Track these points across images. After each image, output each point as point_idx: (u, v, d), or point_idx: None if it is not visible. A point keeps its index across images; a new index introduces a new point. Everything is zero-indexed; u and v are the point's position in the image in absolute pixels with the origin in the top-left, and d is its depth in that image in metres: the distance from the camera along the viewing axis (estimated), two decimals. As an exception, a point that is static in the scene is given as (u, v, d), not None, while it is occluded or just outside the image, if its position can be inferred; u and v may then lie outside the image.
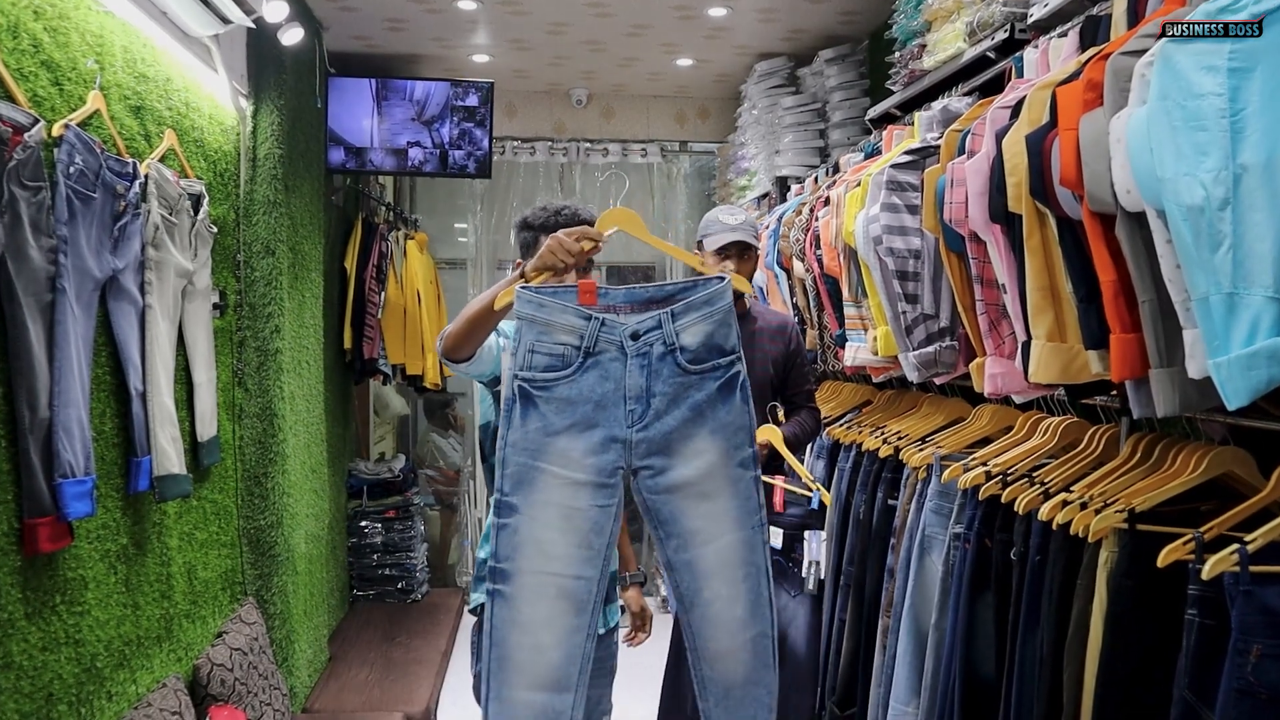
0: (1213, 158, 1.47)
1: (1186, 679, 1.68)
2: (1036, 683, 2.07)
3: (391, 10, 4.13)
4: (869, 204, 2.64)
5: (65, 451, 2.20)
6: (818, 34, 4.38)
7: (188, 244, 2.92)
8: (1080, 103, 1.68)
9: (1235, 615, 1.57)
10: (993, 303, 2.10)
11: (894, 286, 2.58)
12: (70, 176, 2.26)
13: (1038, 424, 2.45)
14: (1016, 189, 1.84)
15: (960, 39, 2.54)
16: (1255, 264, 1.46)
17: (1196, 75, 1.48)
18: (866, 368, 3.01)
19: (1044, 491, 2.11)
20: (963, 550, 2.43)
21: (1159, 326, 1.62)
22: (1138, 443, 2.07)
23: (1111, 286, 1.67)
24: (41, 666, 2.21)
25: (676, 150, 5.99)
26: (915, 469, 2.77)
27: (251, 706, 3.17)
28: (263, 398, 3.60)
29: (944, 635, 2.48)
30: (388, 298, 5.09)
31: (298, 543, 3.84)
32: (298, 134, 3.88)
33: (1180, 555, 1.70)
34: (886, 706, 2.76)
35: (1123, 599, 1.85)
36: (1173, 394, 1.62)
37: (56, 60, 2.31)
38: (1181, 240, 1.49)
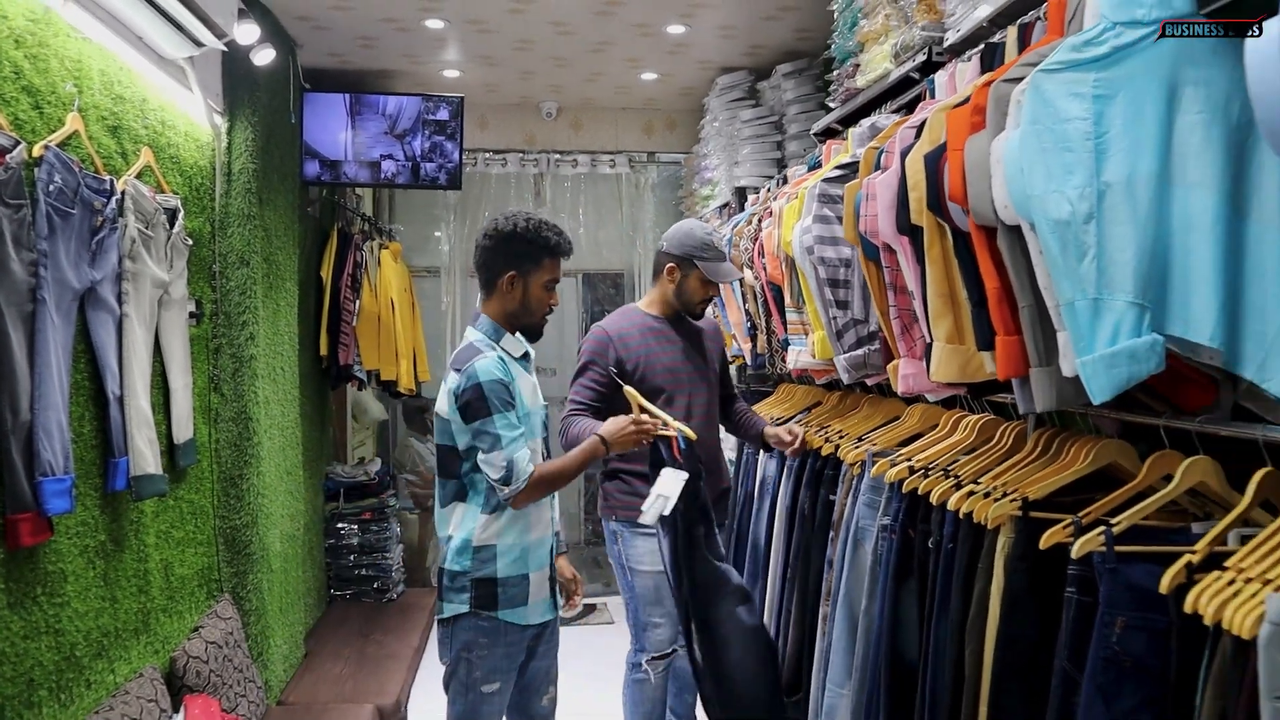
0: (1078, 176, 1.65)
1: (1066, 651, 1.85)
2: (947, 661, 2.24)
3: (363, 29, 4.29)
4: (804, 215, 2.81)
5: (45, 451, 2.35)
6: (776, 49, 4.55)
7: (164, 256, 3.07)
8: (967, 125, 1.85)
9: (1102, 591, 1.74)
10: (905, 308, 2.27)
11: (826, 293, 2.75)
12: (50, 194, 2.41)
13: (959, 422, 2.63)
14: (918, 204, 2.01)
15: (887, 60, 2.71)
16: (1118, 272, 1.64)
17: (1064, 102, 1.66)
18: (808, 370, 3.18)
19: (956, 484, 2.28)
20: (889, 540, 2.60)
21: (1037, 329, 1.79)
22: (1039, 438, 2.25)
23: (995, 293, 1.84)
24: (23, 654, 2.36)
25: (645, 161, 6.17)
26: (851, 465, 2.94)
27: (226, 698, 3.32)
28: (238, 402, 3.75)
29: (873, 621, 2.65)
30: (362, 306, 5.24)
31: (273, 542, 3.99)
32: (272, 149, 4.04)
33: (1060, 538, 1.88)
34: (825, 689, 2.93)
35: (1018, 580, 2.01)
36: (1050, 390, 1.79)
37: (37, 85, 2.46)
38: (1049, 251, 1.67)
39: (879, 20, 2.72)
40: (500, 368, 2.44)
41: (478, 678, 2.52)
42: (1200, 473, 1.78)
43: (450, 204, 6.30)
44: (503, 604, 2.49)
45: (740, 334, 4.04)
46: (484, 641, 2.51)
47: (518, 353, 2.56)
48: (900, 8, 2.59)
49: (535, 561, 2.54)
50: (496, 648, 2.52)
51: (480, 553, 2.48)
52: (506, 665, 2.54)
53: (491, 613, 2.49)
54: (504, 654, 2.53)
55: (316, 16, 4.10)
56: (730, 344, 4.37)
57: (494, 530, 2.48)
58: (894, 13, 2.64)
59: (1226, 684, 1.42)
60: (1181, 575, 1.56)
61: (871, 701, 2.62)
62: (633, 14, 4.09)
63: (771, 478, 3.82)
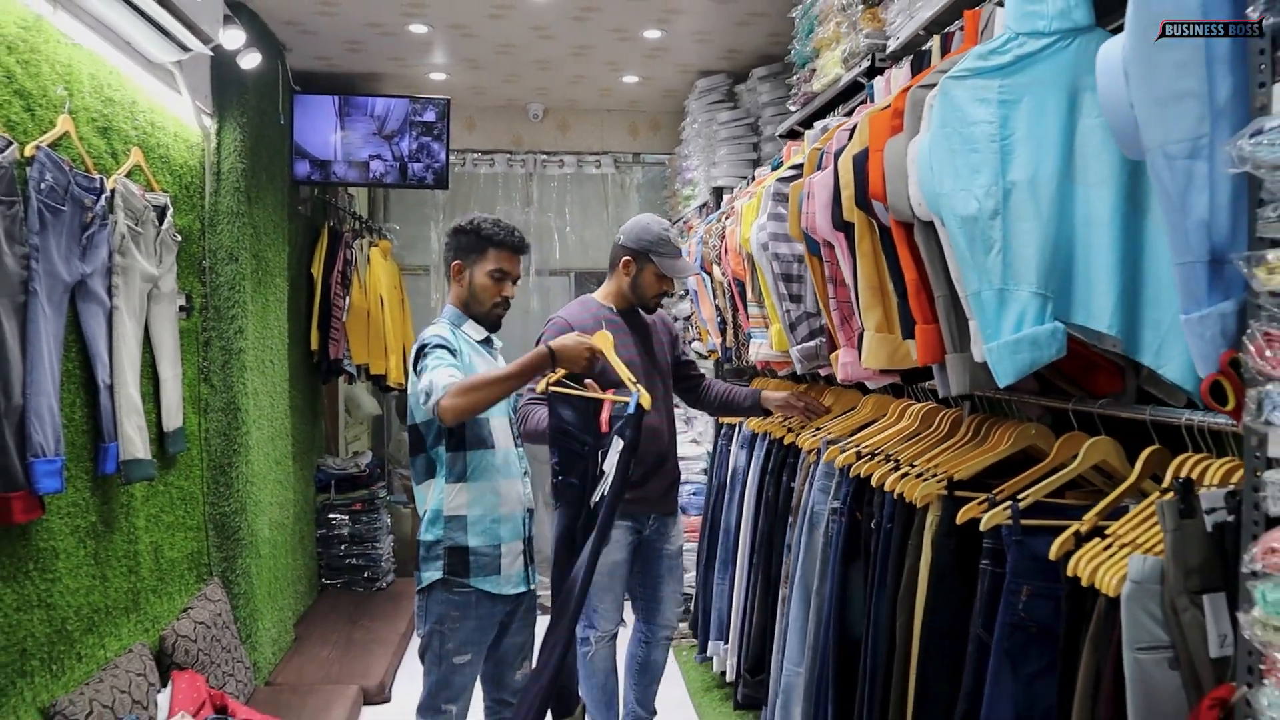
0: (984, 175, 1.78)
1: (981, 619, 1.98)
2: (883, 634, 2.37)
3: (349, 33, 4.43)
4: (760, 213, 2.95)
5: (37, 434, 2.50)
6: (752, 54, 4.68)
7: (153, 251, 3.21)
8: (888, 128, 1.99)
9: (1009, 560, 1.87)
10: (844, 300, 2.41)
11: (781, 288, 2.89)
12: (41, 192, 2.56)
13: (905, 410, 2.76)
14: (849, 201, 2.14)
15: (838, 65, 2.85)
16: (1022, 265, 1.77)
17: (970, 106, 1.79)
18: (770, 363, 3.31)
19: (895, 467, 2.42)
20: (839, 523, 2.73)
21: (951, 318, 1.92)
22: (971, 423, 2.38)
23: (913, 284, 1.98)
24: (16, 625, 2.50)
25: (630, 161, 6.30)
26: (807, 453, 3.07)
27: (214, 675, 3.46)
28: (227, 393, 3.89)
29: (824, 600, 2.78)
30: (352, 302, 5.38)
31: (262, 529, 4.13)
32: (261, 149, 4.18)
33: (975, 513, 2.01)
34: (783, 669, 3.06)
35: (943, 555, 2.15)
36: (963, 375, 1.92)
37: (29, 89, 2.61)
38: (957, 245, 1.80)
39: (830, 27, 2.86)
40: (449, 334, 2.60)
41: (450, 649, 2.65)
42: (1102, 452, 1.91)
43: (440, 204, 6.45)
44: (474, 571, 2.61)
45: (713, 328, 4.17)
46: (455, 615, 2.64)
47: (478, 337, 2.71)
48: (849, 16, 2.73)
49: (507, 533, 2.66)
50: (468, 620, 2.65)
51: (451, 523, 2.61)
52: (478, 637, 2.67)
53: (464, 579, 2.60)
54: (475, 626, 2.65)
55: (303, 21, 4.24)
56: (705, 338, 4.51)
57: (463, 500, 2.60)
58: (844, 20, 2.77)
59: (1100, 641, 1.55)
60: (1070, 543, 1.69)
61: (821, 677, 2.75)
62: (609, 19, 4.22)
63: (741, 468, 3.96)
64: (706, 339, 4.43)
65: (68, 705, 2.63)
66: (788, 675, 3.00)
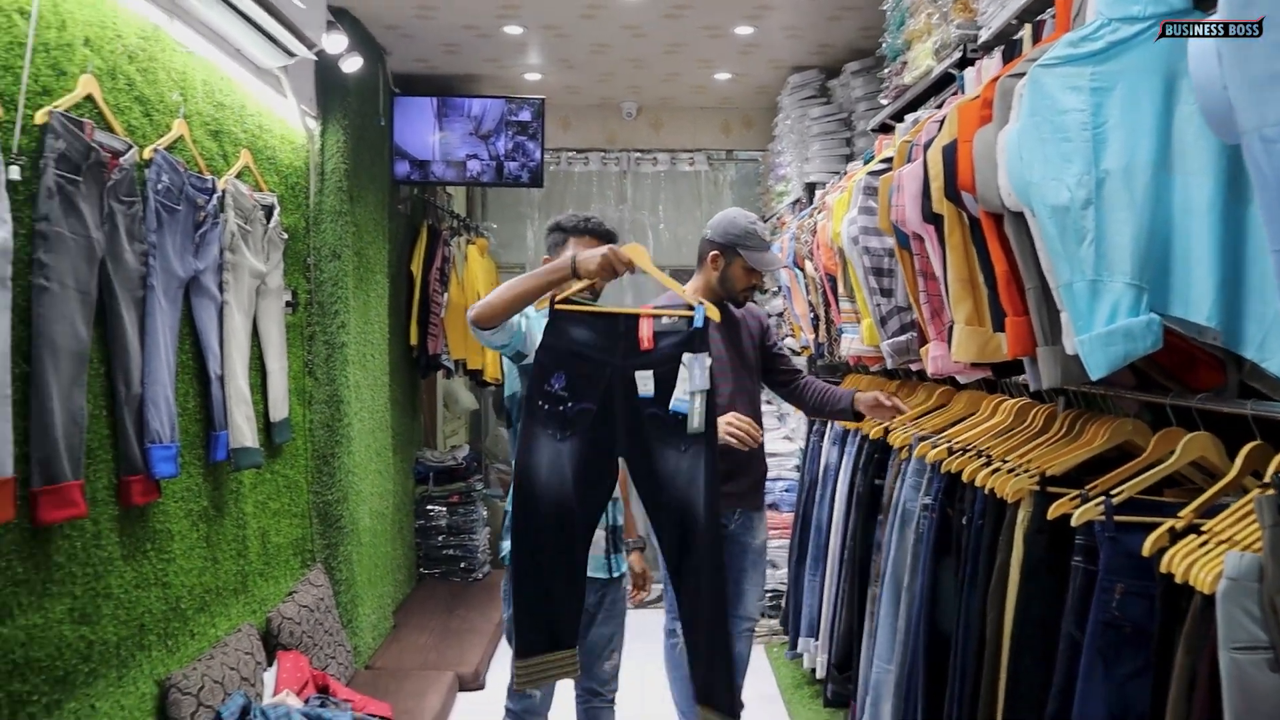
0: (1076, 164, 1.74)
1: (1072, 616, 1.94)
2: (974, 632, 2.34)
3: (447, 36, 4.55)
4: (851, 207, 2.93)
5: (154, 421, 2.64)
6: (845, 48, 4.65)
7: (261, 249, 3.35)
8: (977, 118, 1.96)
9: (1102, 557, 1.83)
10: (934, 293, 2.38)
11: (871, 282, 2.87)
12: (159, 192, 2.70)
13: (997, 405, 2.71)
14: (938, 193, 2.12)
15: (930, 57, 2.81)
16: (1116, 255, 1.73)
17: (1062, 95, 1.76)
18: (861, 358, 3.28)
19: (987, 462, 2.38)
20: (929, 519, 2.70)
21: (1042, 310, 1.89)
22: (1065, 419, 2.33)
23: (1004, 276, 1.95)
24: (135, 601, 2.65)
25: (723, 159, 6.31)
26: (899, 449, 3.04)
27: (317, 657, 3.59)
28: (330, 386, 4.04)
29: (914, 597, 2.75)
30: (450, 298, 5.52)
31: (362, 517, 4.27)
32: (362, 150, 4.33)
33: (1067, 509, 1.97)
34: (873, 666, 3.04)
35: (1035, 551, 2.11)
36: (1055, 368, 1.89)
37: (147, 95, 2.75)
38: (1048, 235, 1.77)
39: (922, 19, 2.83)
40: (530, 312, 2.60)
41: None
42: (1200, 447, 1.85)
43: (535, 202, 6.56)
44: None
45: (806, 324, 4.16)
46: None
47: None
48: (940, 7, 2.69)
49: None
50: None
51: None
52: None
53: None
54: None
55: (402, 25, 4.37)
56: (799, 335, 4.49)
57: None
58: (935, 11, 2.74)
59: (1194, 641, 1.51)
60: (1164, 539, 1.65)
61: (911, 674, 2.72)
62: (700, 16, 4.24)
63: (833, 464, 3.94)
64: (800, 335, 4.42)
65: (181, 679, 2.77)
66: (878, 673, 2.98)
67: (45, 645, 2.25)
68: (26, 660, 2.19)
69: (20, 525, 2.16)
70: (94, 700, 2.44)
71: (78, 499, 2.28)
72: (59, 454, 2.23)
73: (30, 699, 2.19)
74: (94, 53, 2.49)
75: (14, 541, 2.15)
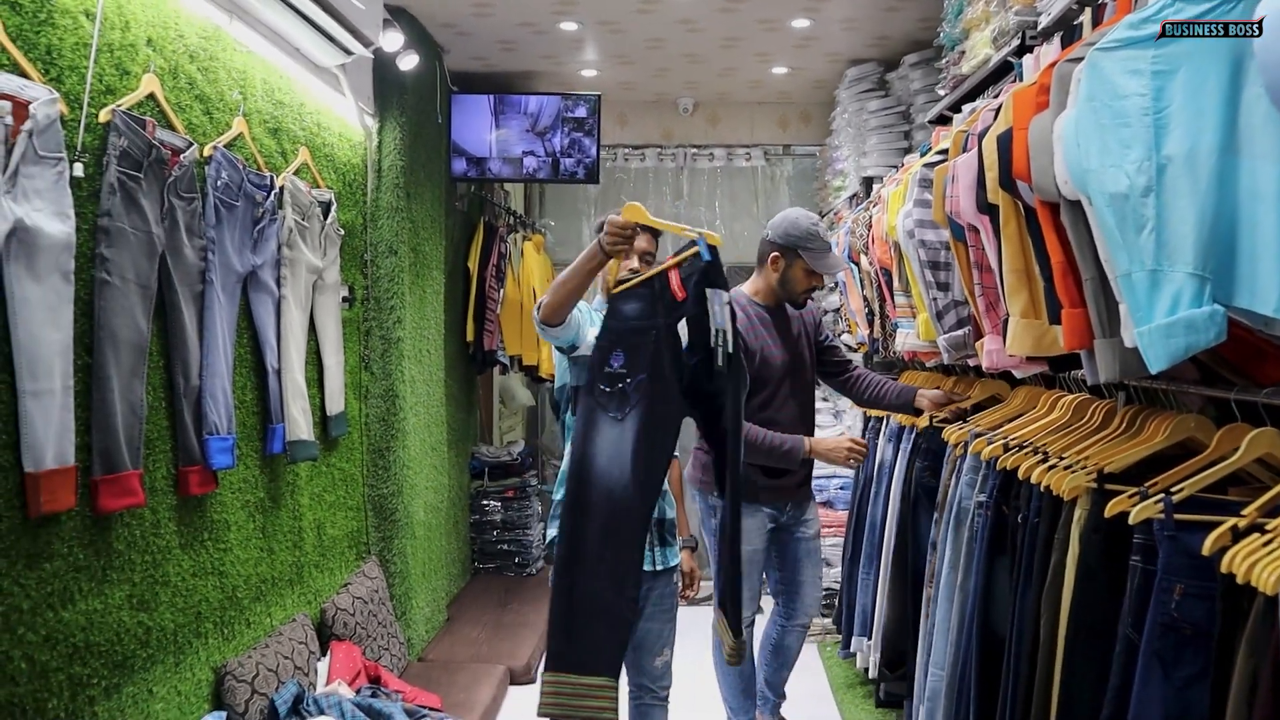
0: (1136, 151, 1.69)
1: (1130, 618, 1.88)
2: (1028, 632, 2.28)
3: (503, 33, 4.57)
4: (906, 200, 2.88)
5: (211, 413, 2.69)
6: (903, 40, 4.58)
7: (318, 244, 3.40)
8: (1033, 105, 1.91)
9: (1161, 557, 1.77)
10: (990, 286, 2.33)
11: (927, 275, 2.82)
12: (218, 188, 2.75)
13: (1055, 401, 2.64)
14: (993, 183, 2.07)
15: (988, 45, 2.75)
16: (1177, 244, 1.67)
17: (1121, 79, 1.71)
18: (917, 353, 3.23)
19: (1043, 459, 2.32)
20: (984, 517, 2.65)
21: (1100, 301, 1.83)
22: (1125, 414, 2.26)
23: (1060, 266, 1.89)
24: (192, 589, 2.70)
25: (780, 154, 6.26)
26: (954, 446, 2.98)
27: (370, 649, 3.64)
28: (386, 380, 4.08)
29: (967, 596, 2.70)
30: (506, 294, 5.55)
31: (417, 511, 4.32)
32: (419, 147, 4.37)
33: (1124, 507, 1.91)
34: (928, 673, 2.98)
35: (1091, 550, 2.05)
36: (1113, 361, 1.83)
37: (207, 94, 2.80)
38: (1106, 224, 1.72)
39: (980, 7, 2.77)
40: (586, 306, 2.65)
41: None
42: (1268, 444, 1.78)
43: (592, 198, 6.57)
44: None
45: (861, 320, 4.10)
46: None
47: None
48: (998, -7, 2.64)
49: None
50: None
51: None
52: None
53: None
54: None
55: (459, 23, 4.40)
56: (854, 330, 4.43)
57: None
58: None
59: (1257, 643, 1.45)
60: (1226, 538, 1.59)
61: (964, 674, 2.67)
62: (756, 9, 4.20)
63: (889, 461, 3.88)
64: (855, 331, 4.36)
65: (237, 667, 2.82)
66: (934, 680, 2.92)
67: (104, 630, 2.31)
68: (86, 644, 2.24)
69: (81, 513, 2.22)
70: (151, 685, 2.50)
71: (137, 488, 2.34)
72: (119, 444, 2.28)
73: (90, 682, 2.25)
74: (156, 52, 2.55)
75: (75, 529, 2.21)
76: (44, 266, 2.03)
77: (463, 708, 3.61)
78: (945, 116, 3.34)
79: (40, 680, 2.09)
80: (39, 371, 2.03)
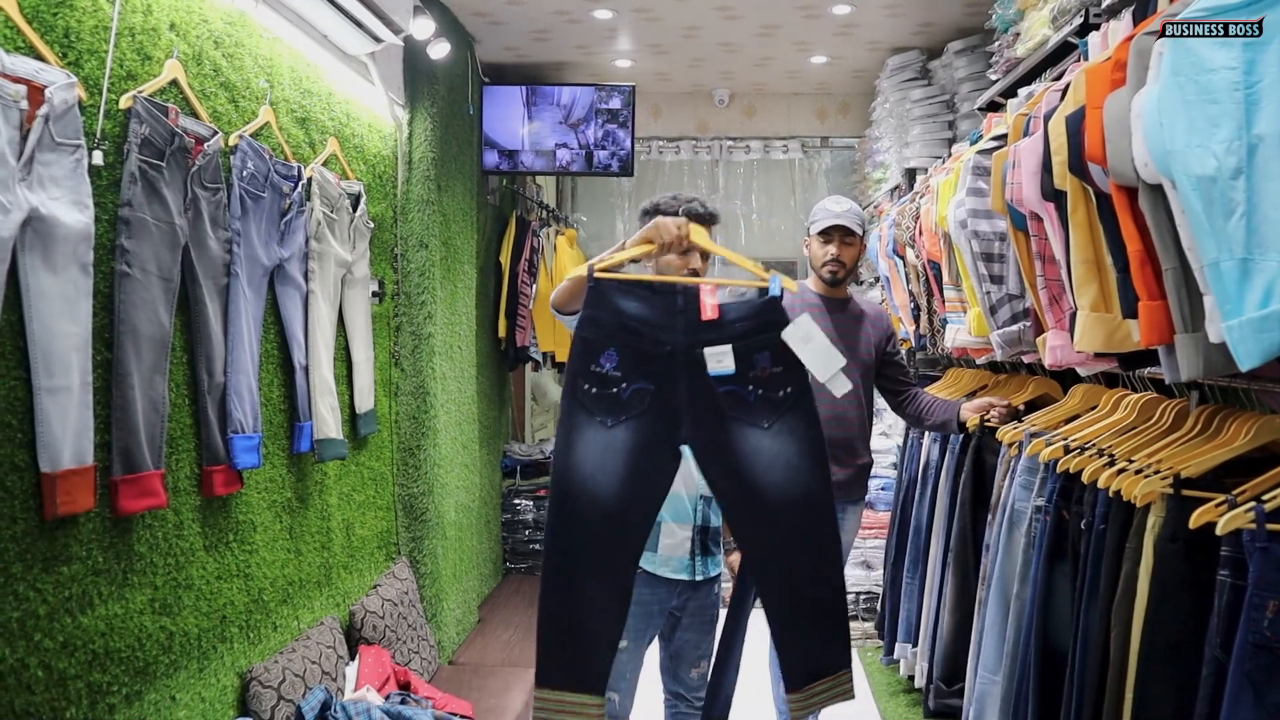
0: (1225, 129, 1.55)
1: (1219, 638, 1.74)
2: (1094, 647, 2.15)
3: (536, 22, 4.47)
4: (958, 189, 2.75)
5: (236, 411, 2.60)
6: (947, 26, 4.42)
7: (347, 237, 3.31)
8: (1108, 82, 1.77)
9: (1252, 571, 1.64)
10: (1053, 278, 2.19)
11: (980, 268, 2.68)
12: (243, 179, 2.66)
13: (1120, 401, 2.50)
14: (1060, 167, 1.94)
15: (1046, 25, 2.61)
16: (1271, 231, 1.54)
17: (1208, 51, 1.57)
18: (967, 349, 3.09)
19: (1109, 462, 2.18)
20: (1043, 522, 2.51)
21: (1182, 293, 1.69)
22: (1200, 415, 2.12)
23: (1138, 256, 1.76)
24: (216, 592, 2.62)
25: (817, 146, 6.12)
26: (1008, 446, 2.85)
27: (400, 652, 3.55)
28: (416, 377, 3.99)
29: (1024, 605, 2.56)
30: (539, 290, 5.45)
31: (448, 511, 4.23)
32: (450, 139, 4.27)
33: (1211, 517, 1.77)
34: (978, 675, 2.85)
35: (1168, 562, 1.92)
36: (1196, 358, 1.70)
37: (233, 81, 2.72)
38: (1192, 209, 1.58)
39: (1038, -16, 2.63)
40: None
41: None
42: (1368, 448, 1.64)
43: (626, 192, 6.47)
44: None
45: (906, 315, 3.97)
46: None
47: None
48: (1059, -31, 2.49)
49: (669, 511, 2.57)
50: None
51: None
52: (635, 623, 2.54)
53: None
54: (633, 610, 2.49)
55: (491, 12, 4.30)
56: (898, 327, 4.29)
57: None
58: (1053, -25, 2.54)
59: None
60: (1330, 552, 1.45)
61: (1020, 688, 2.54)
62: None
63: (934, 461, 3.75)
64: (899, 328, 4.22)
65: (263, 672, 2.73)
66: (982, 683, 2.80)
67: (125, 635, 2.23)
68: (106, 650, 2.16)
69: (101, 514, 2.14)
70: (174, 692, 2.41)
71: (158, 489, 2.25)
72: (139, 443, 2.19)
73: (110, 689, 2.17)
74: (179, 38, 2.46)
75: (94, 531, 2.12)
76: (61, 258, 1.95)
77: (494, 714, 3.51)
78: (997, 103, 3.20)
79: (58, 688, 2.01)
80: (55, 367, 1.94)
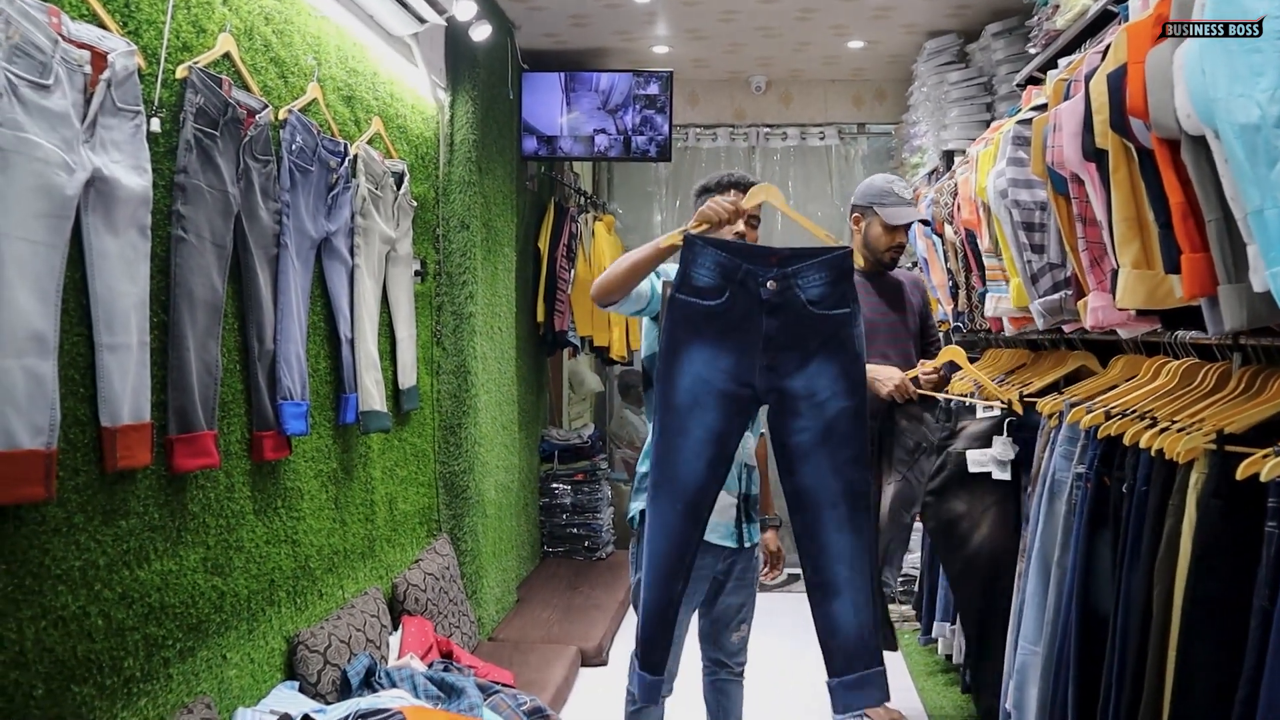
0: (1269, 76, 1.55)
1: (1266, 589, 1.73)
2: (1136, 608, 2.14)
3: (575, 7, 4.51)
4: (998, 159, 2.75)
5: (285, 378, 2.66)
6: (984, 8, 4.42)
7: (391, 215, 3.37)
8: (1149, 37, 1.78)
9: (1301, 519, 1.63)
10: (1094, 240, 2.20)
11: (1021, 237, 2.68)
12: (292, 152, 2.72)
13: (1161, 368, 2.49)
14: (1102, 125, 1.94)
15: (1087, -6, 2.61)
16: (1315, 179, 1.53)
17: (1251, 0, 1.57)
18: (1007, 319, 3.09)
19: (1151, 424, 2.18)
20: (1084, 489, 2.51)
21: (1225, 243, 1.70)
22: (1243, 375, 2.11)
23: (1180, 208, 1.76)
24: (265, 556, 2.68)
25: (854, 132, 6.12)
26: (1048, 417, 2.84)
27: (441, 626, 3.60)
28: (458, 356, 4.05)
29: (1065, 572, 2.56)
30: (577, 275, 5.50)
31: (488, 489, 4.28)
32: (490, 122, 4.33)
33: (1258, 467, 1.76)
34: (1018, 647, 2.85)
35: (1211, 517, 1.91)
36: (1240, 309, 1.70)
37: (282, 57, 2.78)
38: (1235, 158, 1.58)
39: (1079, -48, 2.63)
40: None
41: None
42: None
43: (662, 179, 6.50)
44: None
45: (943, 294, 3.96)
46: None
47: None
48: (1100, -64, 2.49)
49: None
50: None
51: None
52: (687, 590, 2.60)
53: None
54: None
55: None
56: (936, 308, 4.29)
57: None
58: (1094, -58, 2.54)
59: None
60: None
61: (1062, 655, 2.54)
62: (835, -24, 4.10)
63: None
64: (936, 308, 4.21)
65: (309, 637, 2.79)
66: (1023, 654, 2.80)
67: (179, 592, 2.29)
68: (162, 605, 2.22)
69: (157, 471, 2.20)
70: (225, 650, 2.47)
71: (211, 449, 2.31)
72: (194, 403, 2.25)
73: (165, 643, 2.23)
74: (232, 12, 2.52)
75: (151, 488, 2.19)
76: (121, 219, 2.01)
77: (535, 686, 3.55)
78: (1035, 78, 3.19)
79: (117, 637, 2.07)
80: (116, 325, 2.00)
